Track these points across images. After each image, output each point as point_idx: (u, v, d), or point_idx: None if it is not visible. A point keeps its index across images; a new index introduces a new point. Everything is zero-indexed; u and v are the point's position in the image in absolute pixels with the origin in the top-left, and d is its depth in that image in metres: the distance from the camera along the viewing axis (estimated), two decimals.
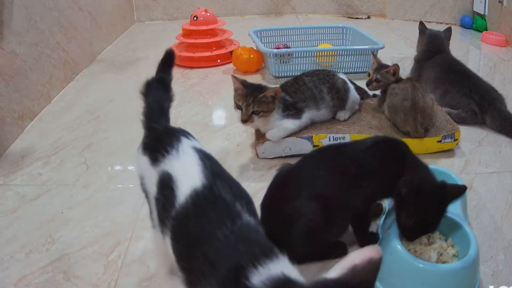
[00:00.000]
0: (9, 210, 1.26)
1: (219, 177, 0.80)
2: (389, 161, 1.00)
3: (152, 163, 0.87)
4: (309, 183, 1.00)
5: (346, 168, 0.99)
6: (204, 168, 0.81)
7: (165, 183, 0.81)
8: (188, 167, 0.82)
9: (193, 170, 0.81)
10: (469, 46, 2.69)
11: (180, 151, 0.85)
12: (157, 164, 0.85)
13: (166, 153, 0.85)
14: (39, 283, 1.02)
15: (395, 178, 0.97)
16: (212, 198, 0.76)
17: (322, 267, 1.03)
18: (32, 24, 1.84)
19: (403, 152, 1.02)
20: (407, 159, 1.00)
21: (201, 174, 0.79)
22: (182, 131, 0.94)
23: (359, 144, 1.05)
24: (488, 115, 1.64)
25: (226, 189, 0.77)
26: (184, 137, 0.90)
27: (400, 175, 0.97)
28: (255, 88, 1.37)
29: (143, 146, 0.93)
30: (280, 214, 1.01)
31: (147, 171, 0.88)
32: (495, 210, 1.22)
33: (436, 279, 0.89)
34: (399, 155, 1.01)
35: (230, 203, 0.75)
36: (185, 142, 0.88)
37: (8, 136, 1.61)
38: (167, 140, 0.88)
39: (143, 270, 1.05)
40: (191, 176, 0.79)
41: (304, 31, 2.49)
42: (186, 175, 0.80)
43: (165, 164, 0.84)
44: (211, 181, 0.78)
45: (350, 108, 1.56)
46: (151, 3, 3.35)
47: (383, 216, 1.15)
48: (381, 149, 1.02)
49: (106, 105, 1.93)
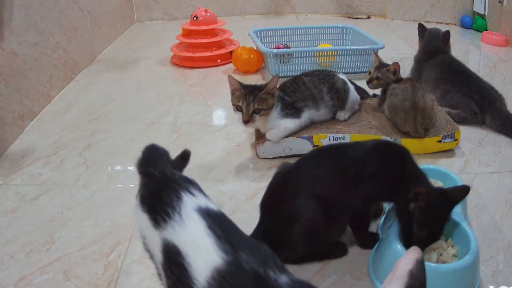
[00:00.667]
0: (9, 210, 1.26)
1: (238, 245, 0.69)
2: (389, 164, 1.00)
3: (153, 224, 0.77)
4: (308, 183, 1.00)
5: (346, 169, 0.99)
6: (218, 239, 0.70)
7: (173, 258, 0.71)
8: (198, 241, 0.71)
9: (205, 244, 0.70)
10: (469, 46, 2.69)
11: (184, 217, 0.74)
12: (159, 228, 0.76)
13: (168, 217, 0.75)
14: (39, 283, 1.02)
15: (394, 182, 0.97)
16: (244, 276, 0.65)
17: (322, 267, 1.03)
18: (32, 24, 1.84)
19: (403, 157, 1.01)
20: (407, 164, 0.99)
21: (217, 248, 0.68)
22: (182, 181, 0.83)
23: (360, 145, 1.05)
24: (488, 115, 1.64)
25: (252, 257, 0.67)
26: (184, 193, 0.79)
27: (399, 179, 0.97)
28: (253, 87, 1.37)
29: (140, 200, 0.83)
30: (280, 213, 1.01)
31: (148, 231, 0.79)
32: (495, 210, 1.22)
33: (436, 279, 0.89)
34: (399, 160, 1.00)
35: (263, 274, 0.65)
36: (187, 202, 0.77)
37: (8, 136, 1.61)
38: (167, 199, 0.78)
39: (143, 270, 1.05)
40: (206, 252, 0.68)
41: (304, 31, 2.49)
42: (198, 251, 0.69)
43: (169, 232, 0.74)
44: (233, 254, 0.67)
45: (350, 108, 1.56)
46: (151, 3, 3.35)
47: (383, 216, 1.15)
48: (382, 152, 1.02)
49: (106, 105, 1.93)
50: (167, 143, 1.60)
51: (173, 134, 1.67)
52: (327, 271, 1.03)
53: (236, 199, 1.29)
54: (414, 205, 0.93)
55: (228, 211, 1.23)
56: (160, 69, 2.37)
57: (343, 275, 1.02)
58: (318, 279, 1.00)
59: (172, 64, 2.42)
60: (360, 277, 1.01)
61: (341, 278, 1.01)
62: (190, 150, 1.09)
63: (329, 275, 1.01)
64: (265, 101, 1.36)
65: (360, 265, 1.04)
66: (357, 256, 1.07)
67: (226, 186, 1.35)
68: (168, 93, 2.04)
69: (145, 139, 1.63)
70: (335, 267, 1.04)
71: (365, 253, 1.06)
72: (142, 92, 2.09)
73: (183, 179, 0.84)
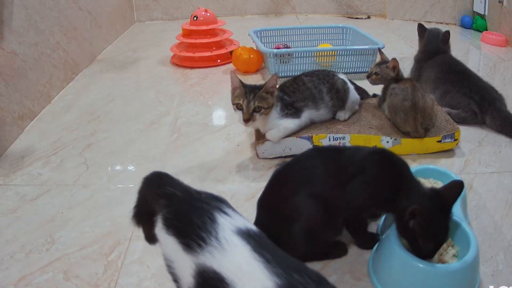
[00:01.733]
0: (9, 210, 1.26)
1: (289, 267, 0.65)
2: (386, 171, 0.99)
3: (184, 248, 0.71)
4: (307, 182, 0.99)
5: (345, 169, 0.99)
6: (267, 263, 0.65)
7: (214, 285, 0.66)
8: (245, 267, 0.66)
9: (254, 269, 0.65)
10: (469, 46, 2.69)
11: (223, 242, 0.68)
12: (192, 253, 0.70)
13: (203, 242, 0.69)
14: (39, 283, 1.02)
15: (390, 190, 0.96)
16: None
17: (322, 267, 1.03)
18: (32, 24, 1.84)
19: (399, 167, 0.99)
20: (402, 174, 0.98)
21: (267, 273, 0.63)
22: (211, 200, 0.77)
23: (359, 149, 1.05)
24: (488, 115, 1.64)
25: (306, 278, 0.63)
26: (218, 213, 0.73)
27: (394, 188, 0.96)
28: (254, 86, 1.38)
29: (165, 224, 0.76)
30: (279, 212, 1.00)
31: (176, 255, 0.73)
32: (495, 210, 1.22)
33: (436, 279, 0.89)
34: (395, 169, 0.99)
35: None
36: (224, 224, 0.71)
37: (8, 136, 1.61)
38: (198, 221, 0.71)
39: (143, 270, 1.05)
40: (256, 278, 0.64)
41: (304, 31, 2.49)
42: (247, 278, 0.64)
43: (206, 258, 0.68)
44: (286, 277, 0.62)
45: (350, 108, 1.56)
46: (151, 3, 3.35)
47: (383, 216, 1.15)
48: (379, 159, 1.01)
49: (106, 105, 1.93)
50: (167, 143, 1.60)
51: (173, 134, 1.67)
52: (327, 271, 1.03)
53: (236, 199, 1.28)
54: (413, 222, 0.91)
55: None
56: (160, 69, 2.37)
57: (343, 275, 1.02)
58: None
59: (172, 64, 2.42)
60: (360, 277, 1.01)
61: (341, 278, 1.01)
62: (190, 150, 1.08)
63: (329, 275, 1.01)
64: (265, 99, 1.36)
65: (360, 265, 1.04)
66: (357, 256, 1.07)
67: (226, 186, 1.35)
68: (168, 93, 2.04)
69: (145, 139, 1.64)
70: (335, 267, 1.04)
71: (365, 253, 1.07)
72: (142, 92, 2.09)
73: (211, 197, 0.78)
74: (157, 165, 1.47)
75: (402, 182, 0.97)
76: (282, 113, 1.43)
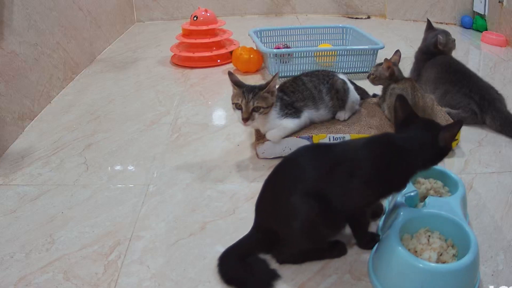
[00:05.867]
0: (9, 210, 1.26)
1: None
2: (383, 158, 0.99)
3: None
4: (304, 179, 0.98)
5: (341, 164, 0.98)
6: None
7: None
8: None
9: None
10: (469, 46, 2.69)
11: None
12: None
13: None
14: (39, 283, 1.02)
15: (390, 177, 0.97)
16: None
17: (322, 267, 1.03)
18: (32, 24, 1.84)
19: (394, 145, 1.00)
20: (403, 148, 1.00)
21: None
22: None
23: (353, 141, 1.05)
24: (488, 115, 1.64)
25: None
26: None
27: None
28: (253, 86, 1.38)
29: None
30: (278, 211, 1.00)
31: None
32: (495, 210, 1.22)
33: (436, 279, 0.89)
34: (393, 151, 0.99)
35: None
36: None
37: (8, 136, 1.61)
38: None
39: (143, 270, 1.05)
40: None
41: (304, 31, 2.49)
42: None
43: None
44: None
45: (350, 108, 1.56)
46: (151, 3, 3.35)
47: (383, 216, 1.15)
48: (375, 149, 1.00)
49: (106, 105, 1.93)
50: (167, 143, 1.60)
51: (173, 134, 1.67)
52: (327, 271, 1.03)
53: (236, 199, 1.29)
54: (441, 135, 1.00)
55: (228, 211, 1.23)
56: (160, 69, 2.37)
57: (343, 275, 1.02)
58: (318, 279, 1.00)
59: (172, 64, 2.42)
60: (360, 277, 1.01)
61: (341, 278, 1.01)
62: (190, 150, 1.08)
63: (329, 275, 1.01)
64: (265, 99, 1.36)
65: (360, 265, 1.04)
66: (357, 256, 1.06)
67: (226, 186, 1.35)
68: (168, 93, 2.04)
69: (145, 139, 1.64)
70: (335, 267, 1.04)
71: (365, 253, 1.06)
72: (142, 92, 2.09)
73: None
74: (157, 165, 1.47)
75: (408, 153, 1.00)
76: (282, 113, 1.43)
